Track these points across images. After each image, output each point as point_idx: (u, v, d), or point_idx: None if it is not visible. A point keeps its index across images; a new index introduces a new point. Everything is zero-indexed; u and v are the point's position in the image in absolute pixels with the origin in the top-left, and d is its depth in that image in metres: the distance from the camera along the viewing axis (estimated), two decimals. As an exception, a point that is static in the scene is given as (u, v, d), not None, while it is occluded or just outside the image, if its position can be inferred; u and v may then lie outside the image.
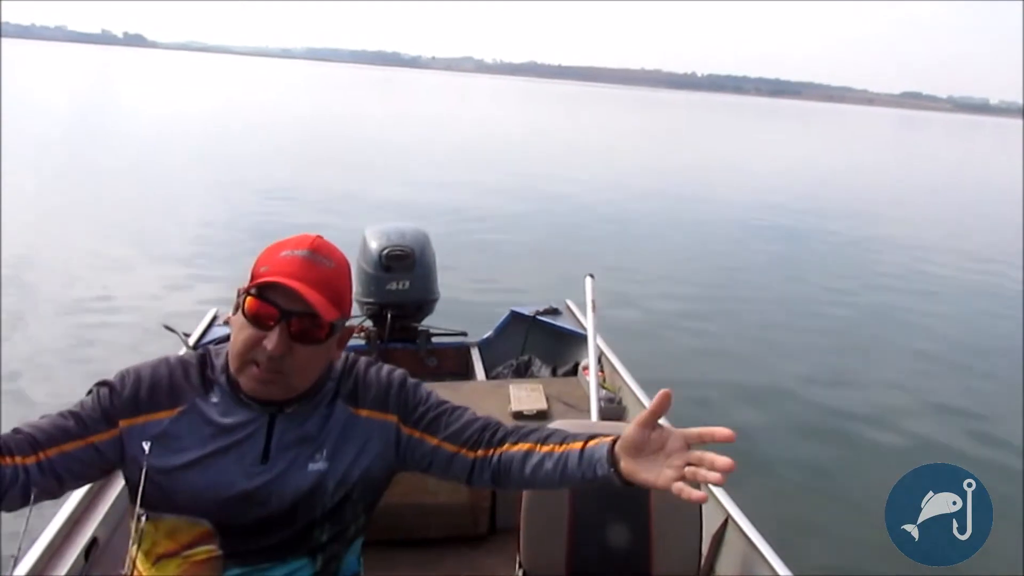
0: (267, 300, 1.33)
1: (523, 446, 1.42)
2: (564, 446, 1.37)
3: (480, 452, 1.45)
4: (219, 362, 1.45)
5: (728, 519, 2.40)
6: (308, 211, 11.85)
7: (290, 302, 1.33)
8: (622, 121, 62.51)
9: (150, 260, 8.65)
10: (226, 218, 11.25)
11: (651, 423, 1.25)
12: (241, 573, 1.41)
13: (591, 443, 1.34)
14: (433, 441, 1.47)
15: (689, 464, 1.20)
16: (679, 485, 1.19)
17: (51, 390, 5.04)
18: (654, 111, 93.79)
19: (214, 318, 3.69)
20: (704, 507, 2.05)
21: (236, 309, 1.39)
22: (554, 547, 2.00)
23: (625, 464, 1.27)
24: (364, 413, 1.48)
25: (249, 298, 1.35)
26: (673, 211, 15.55)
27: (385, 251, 3.64)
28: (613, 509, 2.01)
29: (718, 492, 2.48)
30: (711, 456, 1.19)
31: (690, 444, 1.23)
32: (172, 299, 7.03)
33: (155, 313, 6.05)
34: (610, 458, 1.29)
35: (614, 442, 1.30)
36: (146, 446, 1.37)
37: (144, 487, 1.38)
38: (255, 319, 1.34)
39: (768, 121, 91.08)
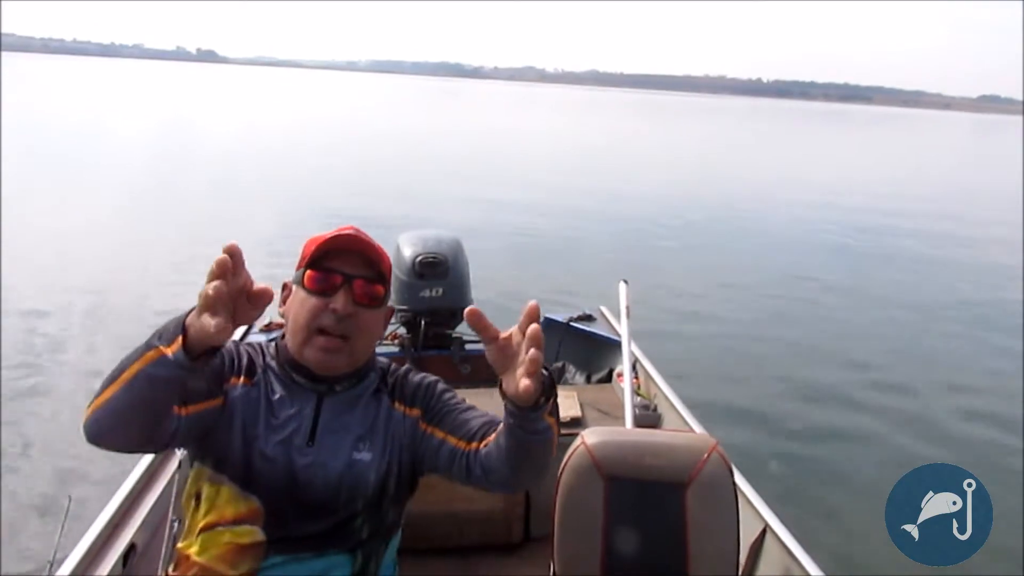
0: (329, 269, 1.45)
1: (499, 428, 1.44)
2: None
3: (474, 445, 1.48)
4: (269, 350, 1.56)
5: (766, 528, 2.34)
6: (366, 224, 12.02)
7: (350, 267, 1.46)
8: (681, 129, 61.88)
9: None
10: (284, 228, 11.50)
11: (488, 340, 1.24)
12: (282, 561, 1.45)
13: None
14: (439, 435, 1.52)
15: (528, 344, 1.20)
16: (524, 382, 1.19)
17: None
18: (716, 118, 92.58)
19: (250, 325, 3.74)
20: (741, 516, 2.00)
21: (286, 299, 1.52)
22: (588, 556, 1.97)
23: (503, 386, 1.27)
24: (399, 408, 1.55)
25: (310, 271, 1.46)
26: (727, 221, 15.24)
27: (419, 258, 3.64)
28: (648, 517, 1.98)
29: (756, 502, 2.43)
30: (521, 321, 1.21)
31: (525, 330, 1.22)
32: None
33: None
34: (502, 392, 1.29)
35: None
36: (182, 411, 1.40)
37: (209, 445, 1.46)
38: (320, 288, 1.45)
39: (837, 127, 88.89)
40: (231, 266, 1.15)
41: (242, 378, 1.49)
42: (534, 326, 1.18)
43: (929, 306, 9.59)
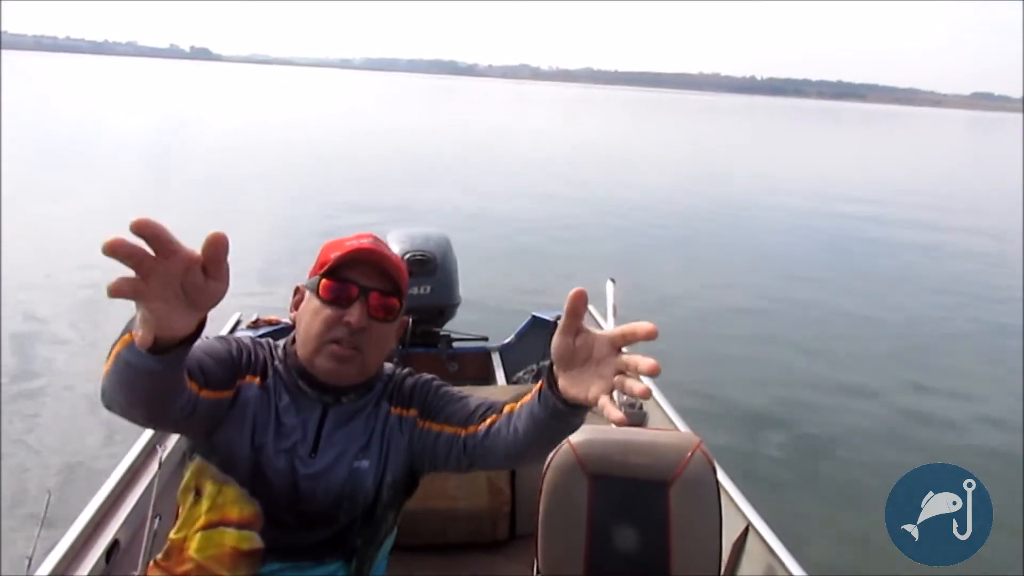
0: (345, 280, 1.42)
1: (505, 410, 1.40)
2: (530, 395, 1.32)
3: (471, 428, 1.45)
4: (278, 353, 1.52)
5: (749, 527, 2.35)
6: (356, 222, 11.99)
7: (366, 279, 1.42)
8: (674, 126, 61.87)
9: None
10: (278, 224, 11.48)
11: (570, 329, 1.12)
12: (279, 569, 1.43)
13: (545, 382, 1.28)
14: (436, 427, 1.49)
15: (619, 372, 1.08)
16: (603, 400, 1.07)
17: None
18: (710, 116, 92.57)
19: (237, 322, 3.75)
20: (724, 514, 2.02)
21: (298, 303, 1.49)
22: (572, 554, 1.99)
23: (561, 382, 1.17)
24: (396, 411, 1.52)
25: (325, 280, 1.43)
26: (717, 220, 15.16)
27: (407, 255, 3.64)
28: (631, 516, 1.99)
29: (739, 500, 2.44)
30: (636, 360, 1.05)
31: (618, 347, 1.09)
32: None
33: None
34: (550, 381, 1.21)
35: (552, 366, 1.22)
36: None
37: (217, 441, 1.43)
38: (335, 298, 1.42)
39: (832, 126, 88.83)
40: (134, 250, 0.91)
41: (257, 378, 1.47)
42: (653, 363, 1.03)
43: (921, 306, 9.57)
